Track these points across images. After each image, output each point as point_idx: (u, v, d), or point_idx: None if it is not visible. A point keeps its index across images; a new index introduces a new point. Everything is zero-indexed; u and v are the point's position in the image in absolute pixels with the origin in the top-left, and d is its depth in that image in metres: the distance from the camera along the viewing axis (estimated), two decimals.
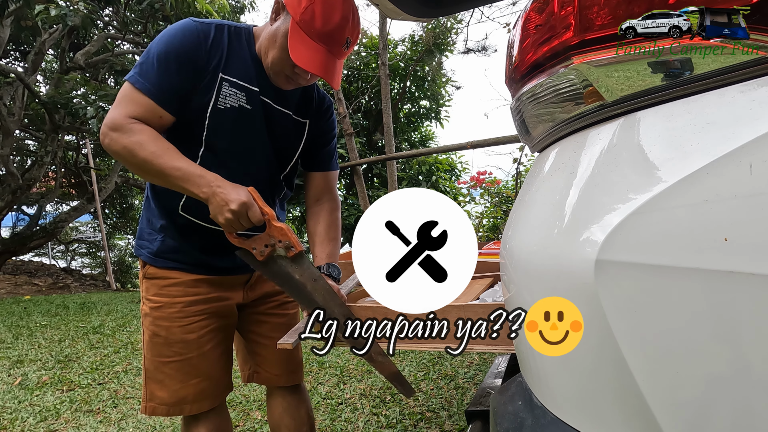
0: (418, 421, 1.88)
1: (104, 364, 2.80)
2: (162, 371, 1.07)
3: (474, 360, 2.55)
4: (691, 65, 0.47)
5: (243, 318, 1.21)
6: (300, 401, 1.25)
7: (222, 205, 0.90)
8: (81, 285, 7.45)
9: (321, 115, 1.16)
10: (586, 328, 0.48)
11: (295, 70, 0.98)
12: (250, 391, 2.28)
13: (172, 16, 5.95)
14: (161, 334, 1.06)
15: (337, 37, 0.96)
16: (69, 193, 10.05)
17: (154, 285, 1.08)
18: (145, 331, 1.09)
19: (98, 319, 4.12)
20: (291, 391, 1.24)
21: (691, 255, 0.41)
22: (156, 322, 1.07)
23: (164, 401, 1.07)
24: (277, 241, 0.93)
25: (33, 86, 6.39)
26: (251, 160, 1.06)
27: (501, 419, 0.62)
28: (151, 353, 1.08)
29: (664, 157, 0.46)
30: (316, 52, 0.94)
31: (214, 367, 1.11)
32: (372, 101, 8.65)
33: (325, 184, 1.23)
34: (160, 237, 1.08)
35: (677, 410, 0.42)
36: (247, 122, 1.02)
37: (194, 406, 1.09)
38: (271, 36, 0.98)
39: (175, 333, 1.06)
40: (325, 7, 0.93)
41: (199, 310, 1.08)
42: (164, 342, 1.06)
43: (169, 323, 1.06)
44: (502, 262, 0.70)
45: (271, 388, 1.26)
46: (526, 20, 0.61)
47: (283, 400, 1.24)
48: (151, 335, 1.07)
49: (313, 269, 0.98)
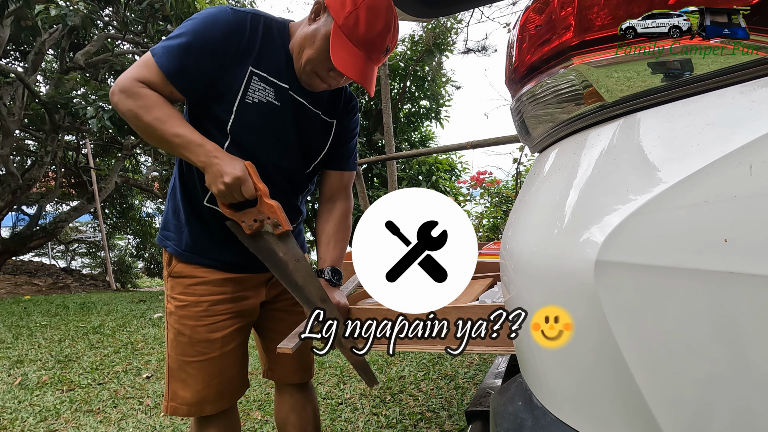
0: (418, 421, 1.88)
1: (104, 364, 2.80)
2: (185, 371, 1.07)
3: (474, 360, 2.55)
4: (691, 66, 0.47)
5: (262, 317, 1.22)
6: (307, 400, 1.27)
7: (217, 176, 0.90)
8: (81, 285, 7.45)
9: (347, 113, 1.16)
10: (586, 328, 0.48)
11: (330, 73, 0.98)
12: (251, 391, 2.28)
13: (172, 16, 5.95)
14: (186, 333, 1.06)
15: (378, 44, 0.96)
16: (69, 193, 10.06)
17: (180, 284, 1.08)
18: (170, 329, 1.09)
19: (98, 319, 4.12)
20: (299, 389, 1.26)
21: (691, 256, 0.41)
22: (181, 320, 1.06)
23: (186, 401, 1.07)
24: (266, 217, 0.94)
25: (33, 86, 6.39)
26: (277, 154, 1.05)
27: (501, 420, 0.62)
28: (175, 352, 1.08)
29: (664, 158, 0.46)
30: (357, 57, 0.94)
31: (235, 367, 1.12)
32: (372, 101, 8.64)
33: (340, 183, 1.22)
34: (186, 230, 1.07)
35: (677, 410, 0.42)
36: (274, 118, 1.02)
37: (215, 405, 1.09)
38: (309, 36, 0.97)
39: (199, 332, 1.06)
40: (369, 14, 0.92)
41: (224, 309, 1.08)
42: (188, 341, 1.06)
43: (195, 322, 1.06)
44: (502, 263, 0.70)
45: (281, 385, 1.27)
46: (526, 21, 0.61)
47: (291, 398, 1.25)
48: (176, 334, 1.07)
49: (297, 250, 0.98)
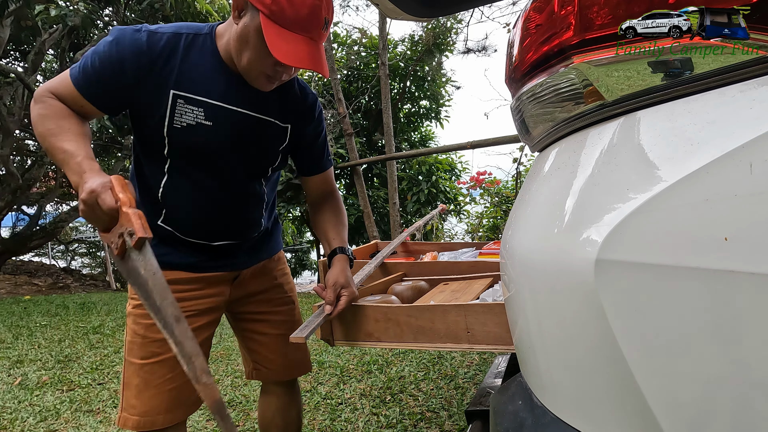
0: (418, 421, 1.88)
1: (104, 364, 2.80)
2: (138, 375, 1.00)
3: (474, 360, 2.55)
4: (691, 65, 0.47)
5: (237, 318, 1.20)
6: (293, 402, 1.26)
7: (79, 193, 0.80)
8: (81, 285, 7.45)
9: (304, 115, 1.09)
10: (586, 327, 0.48)
11: (277, 68, 0.91)
12: (250, 391, 2.28)
13: (172, 15, 5.95)
14: (140, 332, 1.00)
15: (314, 20, 0.87)
16: (69, 193, 10.05)
17: None
18: (127, 332, 1.04)
19: (98, 319, 4.12)
20: (286, 390, 1.24)
21: (692, 254, 0.41)
22: (137, 320, 1.01)
23: (137, 410, 0.99)
24: (126, 230, 0.77)
25: (33, 86, 6.38)
26: (221, 172, 1.01)
27: (501, 419, 0.62)
28: (130, 355, 1.02)
29: (664, 157, 0.46)
30: (297, 42, 0.86)
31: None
32: (372, 101, 8.64)
33: (323, 183, 1.21)
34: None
35: (677, 410, 0.42)
36: (209, 137, 0.96)
37: (167, 417, 1.01)
38: (241, 36, 0.89)
39: (154, 330, 0.99)
40: None
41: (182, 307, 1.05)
42: (142, 342, 1.00)
43: (149, 320, 0.99)
44: (502, 262, 0.70)
45: (267, 386, 1.26)
46: (526, 20, 0.61)
47: (277, 399, 1.24)
48: (132, 335, 1.02)
49: (153, 261, 0.78)
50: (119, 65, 0.89)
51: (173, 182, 1.00)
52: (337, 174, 8.38)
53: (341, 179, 8.73)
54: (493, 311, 0.98)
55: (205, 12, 6.24)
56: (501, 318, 0.97)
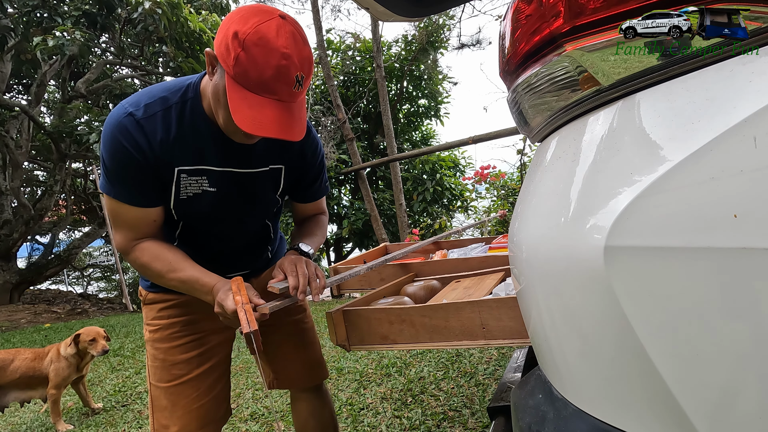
0: (441, 421, 1.87)
1: (126, 385, 2.83)
2: (166, 397, 1.04)
3: (493, 356, 2.53)
4: (688, 42, 0.46)
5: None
6: (324, 404, 1.27)
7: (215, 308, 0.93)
8: (99, 309, 7.54)
9: (298, 155, 1.06)
10: (600, 315, 0.47)
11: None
12: (272, 401, 2.28)
13: (167, 37, 6.02)
14: (159, 357, 1.05)
15: (283, 81, 0.78)
16: (80, 220, 10.21)
17: (153, 309, 1.09)
18: (148, 357, 1.08)
19: (118, 341, 4.16)
20: (315, 394, 1.26)
21: (702, 234, 0.40)
22: (155, 345, 1.06)
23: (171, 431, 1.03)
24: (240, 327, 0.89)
25: (37, 117, 6.50)
26: (232, 225, 1.06)
27: (522, 414, 0.61)
28: (154, 379, 1.06)
29: (666, 137, 0.45)
30: (262, 107, 0.79)
31: (216, 387, 1.10)
32: (370, 104, 8.66)
33: (314, 208, 1.22)
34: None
35: (700, 393, 0.42)
36: (216, 201, 0.99)
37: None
38: (214, 95, 0.85)
39: (173, 354, 1.05)
40: (257, 49, 0.75)
41: (197, 329, 1.08)
42: (162, 365, 1.05)
43: (168, 344, 1.05)
44: (510, 255, 0.69)
45: (295, 392, 1.28)
46: (516, 11, 0.61)
47: (308, 404, 1.25)
48: (153, 359, 1.07)
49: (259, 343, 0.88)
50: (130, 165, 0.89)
51: (185, 236, 1.05)
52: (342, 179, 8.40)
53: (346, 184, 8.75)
54: (507, 305, 0.97)
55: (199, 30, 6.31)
56: (515, 312, 0.96)
